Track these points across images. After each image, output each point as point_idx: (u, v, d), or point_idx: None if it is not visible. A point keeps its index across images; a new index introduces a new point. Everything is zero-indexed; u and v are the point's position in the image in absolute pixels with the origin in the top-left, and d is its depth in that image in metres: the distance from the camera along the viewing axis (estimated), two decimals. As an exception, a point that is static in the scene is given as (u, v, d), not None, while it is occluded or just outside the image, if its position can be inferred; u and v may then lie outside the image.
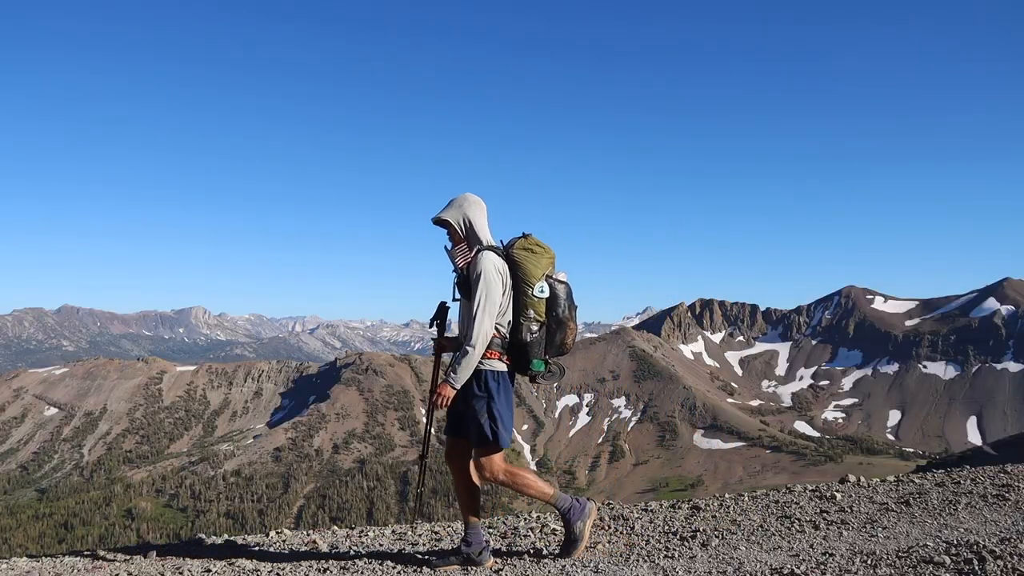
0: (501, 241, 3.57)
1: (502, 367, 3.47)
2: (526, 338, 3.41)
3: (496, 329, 3.41)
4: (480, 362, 3.41)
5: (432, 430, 4.02)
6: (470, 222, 3.51)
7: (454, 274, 3.49)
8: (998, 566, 3.09)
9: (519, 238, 3.53)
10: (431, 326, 3.69)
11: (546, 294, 3.43)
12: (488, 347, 3.42)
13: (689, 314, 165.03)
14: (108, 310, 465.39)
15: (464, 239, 3.52)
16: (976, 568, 3.10)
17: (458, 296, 3.48)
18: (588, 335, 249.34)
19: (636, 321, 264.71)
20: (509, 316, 3.47)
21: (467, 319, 3.43)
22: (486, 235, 3.51)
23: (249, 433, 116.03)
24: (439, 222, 3.56)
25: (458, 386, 3.34)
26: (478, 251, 3.41)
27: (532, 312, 3.42)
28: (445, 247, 3.54)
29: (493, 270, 3.34)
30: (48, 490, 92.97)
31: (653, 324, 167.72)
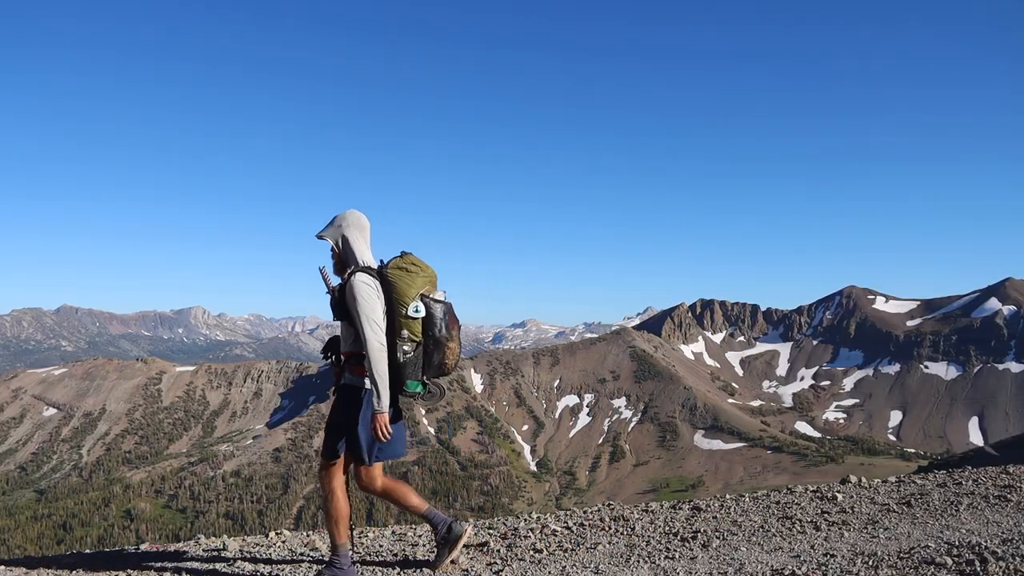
0: (381, 260, 3.53)
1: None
2: (400, 358, 3.36)
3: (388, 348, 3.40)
4: (353, 380, 3.46)
5: (433, 431, 4.01)
6: (345, 242, 3.51)
7: (327, 295, 3.48)
8: (1000, 567, 3.08)
9: (395, 258, 3.49)
10: (325, 358, 3.68)
11: (421, 314, 3.38)
12: (361, 366, 3.42)
13: (690, 314, 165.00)
14: (107, 310, 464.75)
15: (339, 260, 3.54)
16: (978, 569, 3.09)
17: (336, 318, 3.49)
18: (588, 335, 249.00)
19: (637, 321, 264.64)
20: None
21: (347, 339, 3.49)
22: (363, 255, 3.50)
23: (249, 433, 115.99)
24: (322, 238, 3.60)
25: (384, 408, 3.31)
26: (350, 273, 3.40)
27: (407, 332, 3.37)
28: (320, 268, 3.54)
29: (366, 288, 3.33)
30: (47, 491, 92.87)
31: (654, 324, 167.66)
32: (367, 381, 3.38)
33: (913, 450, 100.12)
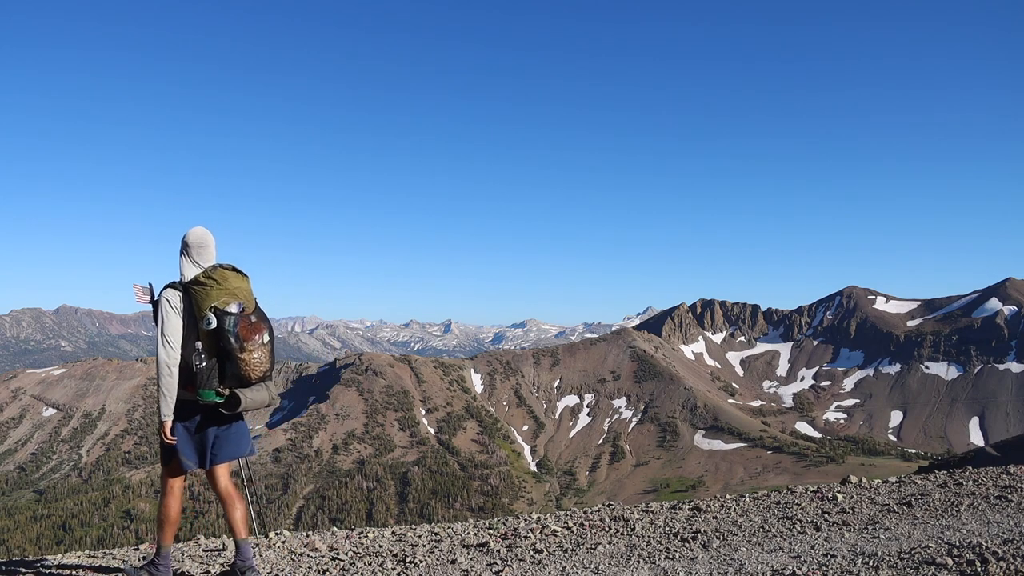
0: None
1: (182, 395, 3.73)
2: (194, 369, 3.64)
3: (187, 359, 3.69)
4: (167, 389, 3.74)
5: (433, 431, 4.09)
6: (179, 259, 3.89)
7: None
8: (1000, 567, 3.07)
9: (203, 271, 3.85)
10: None
11: (212, 325, 3.63)
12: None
13: (690, 314, 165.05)
14: (106, 310, 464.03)
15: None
16: (978, 570, 3.08)
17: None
18: (588, 335, 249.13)
19: (637, 321, 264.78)
20: (181, 348, 3.73)
21: None
22: (182, 271, 3.84)
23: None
24: None
25: (163, 417, 3.65)
26: (162, 289, 3.78)
27: (201, 344, 3.66)
28: (134, 284, 3.93)
29: (167, 304, 3.69)
30: (46, 491, 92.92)
31: (654, 324, 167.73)
32: (180, 392, 3.72)
33: (914, 450, 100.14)
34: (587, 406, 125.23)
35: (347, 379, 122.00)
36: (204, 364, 3.63)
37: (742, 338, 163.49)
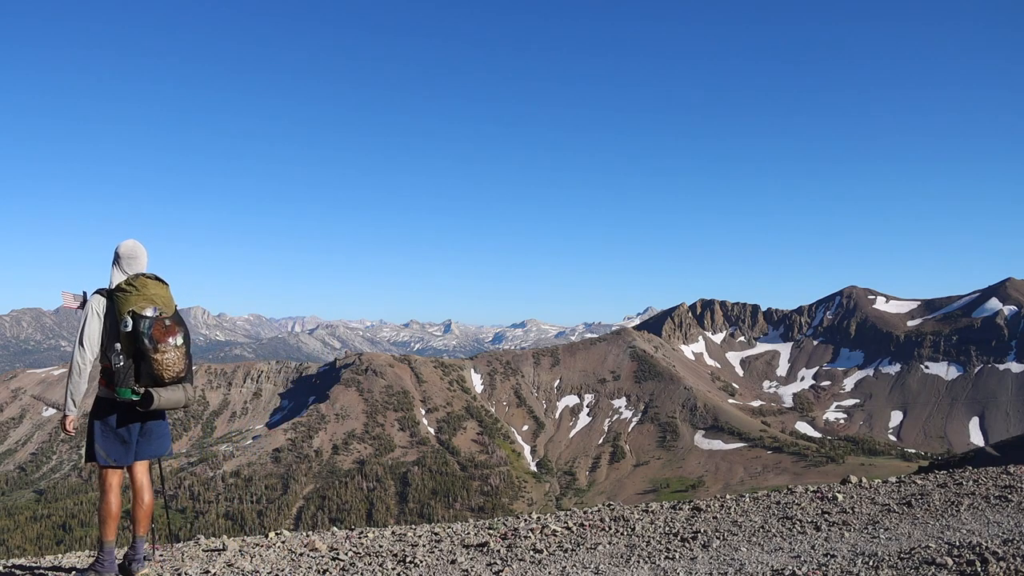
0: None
1: (104, 393, 4.12)
2: (113, 368, 4.00)
3: (108, 359, 4.05)
4: (99, 390, 4.14)
5: (433, 431, 4.11)
6: (110, 268, 4.27)
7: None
8: (1000, 567, 3.08)
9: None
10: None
11: (129, 328, 3.99)
12: (104, 377, 4.10)
13: (690, 314, 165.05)
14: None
15: None
16: (978, 570, 3.08)
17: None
18: (588, 335, 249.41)
19: (637, 321, 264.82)
20: (103, 348, 4.10)
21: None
22: (114, 278, 4.23)
23: (248, 434, 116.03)
24: None
25: (67, 411, 4.04)
26: (93, 293, 4.17)
27: (119, 345, 4.01)
28: (83, 291, 4.29)
29: (90, 309, 4.09)
30: (46, 491, 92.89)
31: (654, 324, 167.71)
32: (103, 390, 4.11)
33: (914, 450, 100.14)
34: (587, 406, 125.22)
35: (347, 379, 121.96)
36: (122, 364, 3.97)
37: (742, 338, 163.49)
